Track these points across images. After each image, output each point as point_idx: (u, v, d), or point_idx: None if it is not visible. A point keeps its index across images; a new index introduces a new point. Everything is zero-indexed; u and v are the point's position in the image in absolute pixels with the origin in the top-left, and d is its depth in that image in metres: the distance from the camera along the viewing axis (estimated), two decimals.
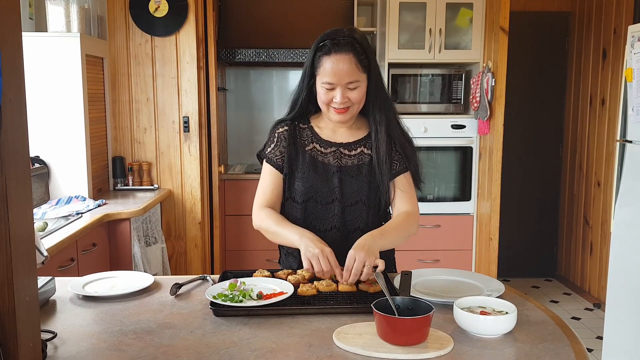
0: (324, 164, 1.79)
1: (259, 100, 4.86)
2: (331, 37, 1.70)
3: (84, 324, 1.39)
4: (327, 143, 1.81)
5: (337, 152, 1.80)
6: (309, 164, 1.79)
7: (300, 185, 1.79)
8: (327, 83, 1.69)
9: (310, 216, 1.79)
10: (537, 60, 4.83)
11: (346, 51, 1.68)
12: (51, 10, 3.14)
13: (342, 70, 1.67)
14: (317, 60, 1.72)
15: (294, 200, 1.80)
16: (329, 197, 1.78)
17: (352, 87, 1.70)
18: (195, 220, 3.85)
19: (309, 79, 1.76)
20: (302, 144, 1.81)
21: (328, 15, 4.39)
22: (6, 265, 0.95)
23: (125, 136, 3.77)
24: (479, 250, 4.25)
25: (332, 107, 1.73)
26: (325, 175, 1.78)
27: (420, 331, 1.23)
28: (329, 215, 1.78)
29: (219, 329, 1.33)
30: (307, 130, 1.83)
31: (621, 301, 2.93)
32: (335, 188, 1.77)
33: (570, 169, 4.82)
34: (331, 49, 1.68)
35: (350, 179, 1.78)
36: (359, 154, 1.81)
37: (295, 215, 1.80)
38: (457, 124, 4.18)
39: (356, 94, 1.71)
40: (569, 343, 1.27)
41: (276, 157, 1.81)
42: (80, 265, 2.62)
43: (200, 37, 3.77)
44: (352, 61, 1.68)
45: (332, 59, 1.68)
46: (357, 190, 1.78)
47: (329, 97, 1.71)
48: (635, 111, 2.81)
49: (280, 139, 1.82)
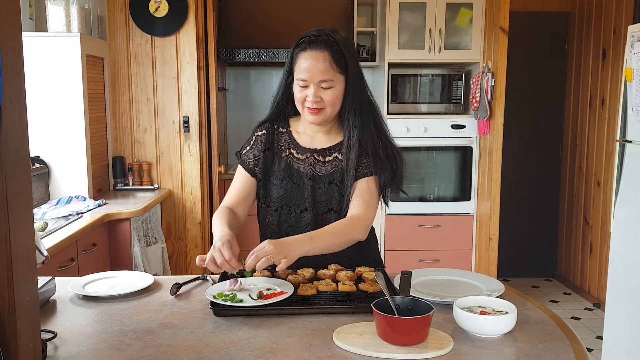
0: (299, 171, 1.76)
1: (258, 100, 4.87)
2: (310, 34, 1.68)
3: (84, 324, 1.39)
4: (303, 149, 1.78)
5: (312, 159, 1.76)
6: (284, 171, 1.76)
7: (275, 192, 1.76)
8: (300, 80, 1.66)
9: (284, 224, 1.78)
10: (537, 60, 4.83)
11: (322, 48, 1.64)
12: (51, 10, 3.14)
13: (315, 67, 1.63)
14: (294, 57, 1.69)
15: (269, 206, 1.79)
16: (302, 206, 1.76)
17: (325, 86, 1.65)
18: (195, 220, 3.85)
19: (287, 77, 1.73)
20: (279, 149, 1.79)
21: (328, 15, 4.39)
22: (6, 265, 0.95)
23: (126, 136, 3.77)
24: (479, 250, 4.25)
25: (306, 107, 1.69)
26: (299, 183, 1.75)
27: (420, 331, 1.23)
28: (301, 223, 1.76)
29: (219, 329, 1.33)
30: (285, 135, 1.80)
31: (621, 301, 2.93)
32: (308, 197, 1.75)
33: (570, 169, 4.82)
34: (307, 45, 1.65)
35: (322, 187, 1.75)
36: (332, 160, 1.76)
37: (271, 222, 1.79)
38: (457, 124, 4.18)
39: (330, 94, 1.66)
40: (568, 343, 1.27)
41: (249, 159, 1.79)
42: (80, 265, 2.62)
43: (200, 37, 3.77)
44: (327, 59, 1.64)
45: (307, 55, 1.65)
46: (328, 199, 1.75)
47: (302, 95, 1.67)
48: (635, 111, 2.81)
49: (256, 142, 1.80)
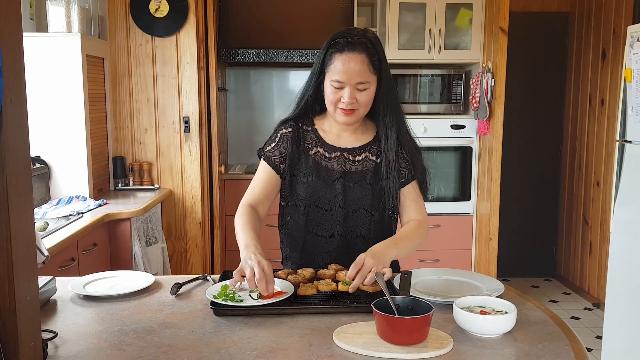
0: (328, 169, 1.75)
1: (259, 101, 4.87)
2: (344, 35, 1.67)
3: (85, 324, 1.39)
4: (332, 148, 1.77)
5: (341, 158, 1.76)
6: (312, 169, 1.75)
7: (303, 190, 1.75)
8: (336, 81, 1.65)
9: (312, 222, 1.76)
10: (537, 60, 4.83)
11: (359, 50, 1.64)
12: (52, 10, 3.14)
13: (353, 70, 1.63)
14: (328, 57, 1.68)
15: (295, 205, 1.77)
16: (332, 204, 1.74)
17: (361, 87, 1.66)
18: (195, 220, 3.85)
19: (317, 77, 1.72)
20: (306, 147, 1.77)
21: (328, 15, 4.39)
22: (7, 265, 0.95)
23: (126, 136, 3.77)
24: (479, 250, 4.26)
25: (339, 108, 1.68)
26: (329, 181, 1.74)
27: (420, 331, 1.23)
28: (331, 221, 1.75)
29: (219, 329, 1.34)
30: (311, 134, 1.79)
31: (620, 301, 2.94)
32: (338, 194, 1.74)
33: (570, 169, 4.82)
34: (344, 46, 1.64)
35: (353, 185, 1.75)
36: (363, 160, 1.77)
37: (298, 221, 1.77)
38: (456, 124, 4.19)
39: (365, 95, 1.67)
40: (568, 343, 1.27)
41: (274, 156, 1.77)
42: (80, 265, 2.62)
43: (201, 37, 3.77)
44: (364, 61, 1.64)
45: (344, 57, 1.64)
46: (360, 197, 1.75)
47: (337, 96, 1.67)
48: (635, 111, 2.81)
49: (282, 139, 1.77)
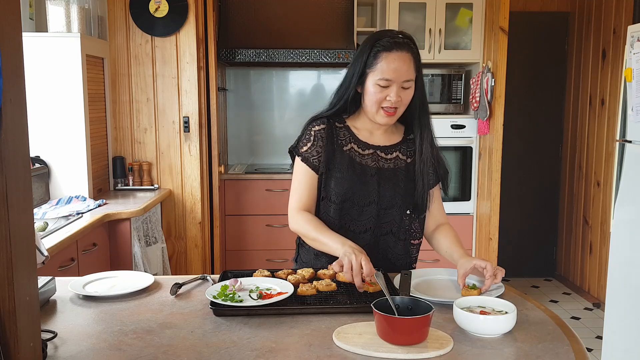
0: (362, 165, 1.76)
1: (259, 100, 4.87)
2: (387, 35, 1.69)
3: (84, 324, 1.39)
4: (365, 145, 1.79)
5: (375, 155, 1.78)
6: (347, 164, 1.76)
7: (338, 185, 1.75)
8: (384, 80, 1.67)
9: (345, 217, 1.77)
10: (537, 60, 4.83)
11: (406, 50, 1.68)
12: (51, 10, 3.14)
13: (401, 69, 1.66)
14: (372, 56, 1.68)
15: (329, 200, 1.77)
16: (367, 199, 1.75)
17: (406, 86, 1.69)
18: (195, 220, 3.85)
19: (359, 77, 1.72)
20: (340, 143, 1.78)
21: (328, 15, 4.39)
22: (6, 265, 0.95)
23: (126, 136, 3.77)
24: (479, 250, 4.26)
25: (382, 108, 1.70)
26: (364, 177, 1.76)
27: (420, 331, 1.23)
28: (364, 217, 1.76)
29: (219, 329, 1.34)
30: (343, 130, 1.80)
31: (621, 301, 2.93)
32: (373, 190, 1.75)
33: (570, 169, 4.82)
34: (393, 46, 1.67)
35: (387, 182, 1.76)
36: (394, 158, 1.80)
37: (331, 216, 1.77)
38: (456, 124, 4.18)
39: (408, 94, 1.71)
40: (568, 343, 1.27)
41: (312, 157, 1.76)
42: (80, 265, 2.62)
43: (201, 37, 3.77)
44: (411, 60, 1.68)
45: (394, 55, 1.66)
46: (393, 194, 1.77)
47: (382, 95, 1.68)
48: (635, 111, 2.81)
49: (317, 137, 1.77)
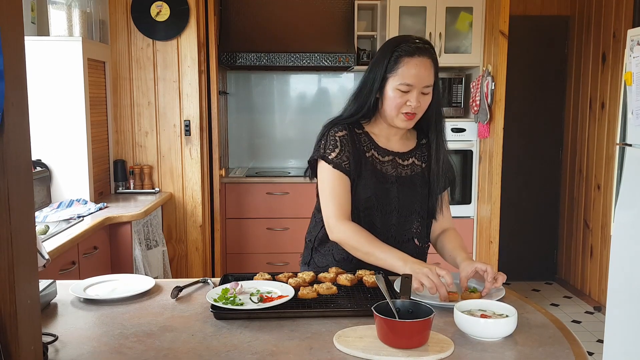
0: (383, 172, 1.76)
1: (259, 104, 4.87)
2: (407, 40, 1.69)
3: (85, 327, 1.39)
4: (385, 151, 1.78)
5: (394, 162, 1.78)
6: (371, 171, 1.75)
7: (363, 192, 1.74)
8: (405, 85, 1.67)
9: (369, 224, 1.74)
10: (537, 64, 4.84)
11: (428, 55, 1.68)
12: (53, 14, 3.15)
13: (423, 74, 1.67)
14: (393, 61, 1.68)
15: (355, 207, 1.75)
16: (389, 207, 1.75)
17: (426, 91, 1.69)
18: (196, 224, 3.85)
19: (380, 81, 1.71)
20: (362, 149, 1.76)
21: (329, 19, 4.40)
22: (8, 268, 0.95)
23: (127, 140, 3.78)
24: (479, 253, 4.25)
25: (402, 113, 1.70)
26: (385, 184, 1.75)
27: (421, 334, 1.23)
28: (387, 225, 1.76)
29: (220, 332, 1.34)
30: (363, 136, 1.78)
31: (621, 304, 2.93)
32: (394, 198, 1.75)
33: (570, 172, 4.82)
34: (415, 51, 1.67)
35: (407, 189, 1.77)
36: (411, 164, 1.80)
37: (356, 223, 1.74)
38: (457, 127, 4.19)
39: (426, 99, 1.71)
40: (569, 346, 1.27)
41: (344, 162, 1.73)
42: (81, 268, 2.62)
43: (202, 41, 3.78)
44: (431, 66, 1.69)
45: (416, 61, 1.66)
46: (411, 202, 1.77)
47: (402, 100, 1.68)
48: (635, 114, 2.81)
49: (343, 143, 1.74)
